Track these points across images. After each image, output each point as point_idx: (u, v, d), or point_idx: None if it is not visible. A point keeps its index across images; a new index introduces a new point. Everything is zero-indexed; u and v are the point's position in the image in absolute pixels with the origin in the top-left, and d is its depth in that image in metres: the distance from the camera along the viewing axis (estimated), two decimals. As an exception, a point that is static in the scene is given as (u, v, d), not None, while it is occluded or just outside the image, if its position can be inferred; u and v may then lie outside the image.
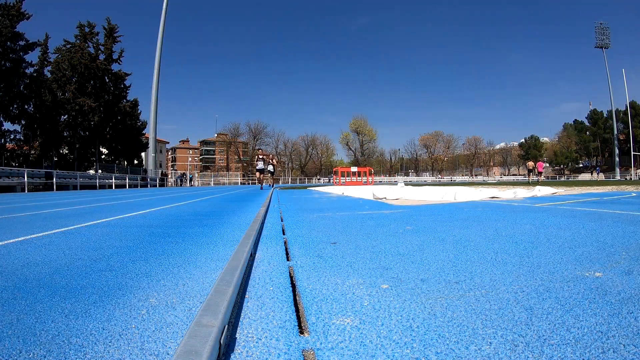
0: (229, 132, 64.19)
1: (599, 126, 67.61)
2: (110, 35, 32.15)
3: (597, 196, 5.42)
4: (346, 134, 70.66)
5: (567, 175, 65.91)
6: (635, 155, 53.41)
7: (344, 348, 0.68)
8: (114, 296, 0.99)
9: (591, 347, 0.65)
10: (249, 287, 1.07)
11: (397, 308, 0.87)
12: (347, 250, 1.59)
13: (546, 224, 2.31)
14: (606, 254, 1.39)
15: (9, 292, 1.04)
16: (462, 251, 1.51)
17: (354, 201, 5.34)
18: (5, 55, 24.55)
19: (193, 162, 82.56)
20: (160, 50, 29.93)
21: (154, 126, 29.41)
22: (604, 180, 34.25)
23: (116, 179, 22.85)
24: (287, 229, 2.36)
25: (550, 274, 1.13)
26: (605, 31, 59.32)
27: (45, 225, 2.69)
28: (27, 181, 15.29)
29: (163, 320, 0.82)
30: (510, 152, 77.42)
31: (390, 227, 2.33)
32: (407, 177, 62.71)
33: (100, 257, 1.51)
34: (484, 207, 3.75)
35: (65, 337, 0.73)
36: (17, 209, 4.48)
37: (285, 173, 61.95)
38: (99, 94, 30.25)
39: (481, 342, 0.68)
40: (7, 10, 24.44)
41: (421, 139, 75.37)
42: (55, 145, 28.88)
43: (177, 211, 3.92)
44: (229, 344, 0.69)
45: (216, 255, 1.54)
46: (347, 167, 42.39)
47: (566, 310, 0.83)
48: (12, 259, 1.48)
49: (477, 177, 68.91)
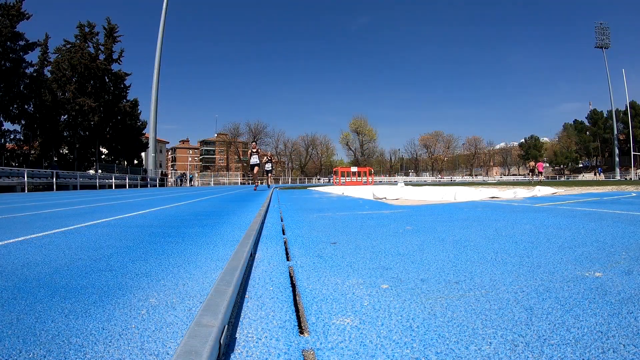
0: (229, 132, 64.22)
1: (599, 126, 67.59)
2: (110, 35, 32.14)
3: (597, 196, 5.43)
4: (346, 134, 70.72)
5: (567, 176, 65.92)
6: (635, 155, 53.41)
7: (344, 348, 0.68)
8: (114, 296, 0.99)
9: (591, 347, 0.65)
10: (249, 287, 1.07)
11: (397, 308, 0.87)
12: (347, 250, 1.59)
13: (546, 224, 2.31)
14: (606, 254, 1.39)
15: (9, 292, 1.04)
16: (462, 251, 1.51)
17: (354, 201, 5.34)
18: (5, 55, 24.54)
19: (193, 162, 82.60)
20: (160, 50, 29.95)
21: (154, 126, 29.41)
22: (604, 180, 34.24)
23: (116, 179, 22.86)
24: (287, 228, 2.36)
25: (550, 274, 1.13)
26: (605, 31, 59.31)
27: (45, 225, 2.69)
28: (27, 181, 15.30)
29: (163, 320, 0.82)
30: (510, 152, 77.41)
31: (390, 227, 2.33)
32: (407, 177, 62.72)
33: (100, 257, 1.51)
34: (483, 207, 3.75)
35: (65, 337, 0.73)
36: (17, 209, 4.48)
37: (285, 173, 61.95)
38: (99, 94, 30.24)
39: (481, 342, 0.68)
40: (7, 10, 24.43)
41: (421, 139, 75.44)
42: (55, 145, 28.88)
43: (177, 211, 3.92)
44: (229, 344, 0.69)
45: (216, 255, 1.54)
46: (347, 167, 42.39)
47: (566, 310, 0.83)
48: (12, 259, 1.48)
49: (477, 177, 68.92)
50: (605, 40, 59.23)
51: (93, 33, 31.18)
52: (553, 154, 70.41)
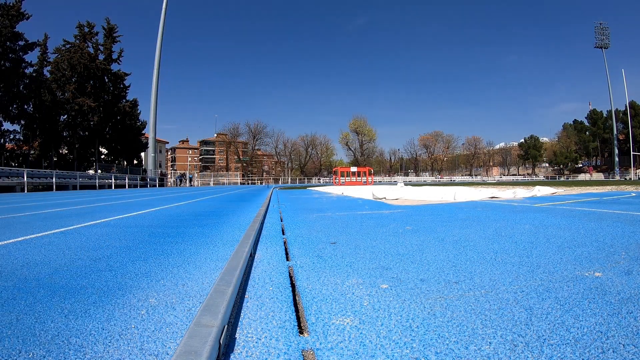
0: (229, 132, 64.14)
1: (599, 126, 67.67)
2: (110, 35, 32.12)
3: (597, 196, 5.43)
4: (346, 134, 70.68)
5: (567, 176, 65.96)
6: (635, 155, 53.49)
7: (344, 348, 0.68)
8: (114, 296, 0.99)
9: (591, 347, 0.65)
10: (249, 287, 1.06)
11: (397, 308, 0.87)
12: (346, 250, 1.59)
13: (546, 224, 2.31)
14: (606, 254, 1.39)
15: (9, 292, 1.03)
16: (461, 251, 1.51)
17: (354, 201, 5.34)
18: (5, 55, 24.52)
19: (193, 162, 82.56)
20: (160, 50, 29.99)
21: (153, 126, 29.41)
22: (604, 180, 34.28)
23: (116, 179, 22.84)
24: (286, 229, 2.36)
25: (550, 274, 1.14)
26: (604, 31, 59.40)
27: (45, 225, 2.69)
28: (26, 181, 15.28)
29: (163, 320, 0.82)
30: (510, 152, 77.44)
31: (390, 227, 2.33)
32: (406, 177, 62.72)
33: (100, 257, 1.51)
34: (483, 207, 3.75)
35: (65, 337, 0.73)
36: (17, 209, 4.48)
37: (285, 173, 61.93)
38: (99, 94, 30.22)
39: (481, 342, 0.68)
40: (7, 10, 24.41)
41: (421, 139, 75.42)
42: (54, 145, 28.85)
43: (176, 211, 3.92)
44: (229, 344, 0.69)
45: (216, 255, 1.53)
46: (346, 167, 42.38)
47: (566, 310, 0.83)
48: (12, 259, 1.48)
49: (477, 177, 68.95)
50: (605, 40, 59.32)
51: (92, 33, 31.17)
52: (553, 154, 70.45)
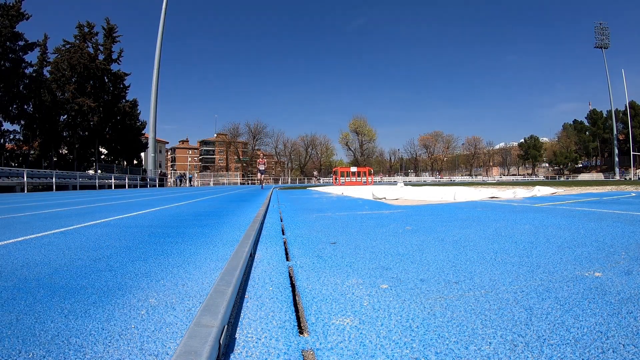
0: (229, 132, 64.13)
1: (599, 126, 67.69)
2: (110, 35, 32.11)
3: (597, 196, 5.43)
4: (346, 134, 70.66)
5: (567, 176, 65.97)
6: (635, 155, 53.50)
7: (344, 348, 0.68)
8: (114, 296, 0.99)
9: (591, 347, 0.65)
10: (249, 287, 1.06)
11: (397, 308, 0.87)
12: (346, 250, 1.59)
13: (546, 224, 2.31)
14: (605, 254, 1.39)
15: (9, 292, 1.03)
16: (461, 251, 1.51)
17: (354, 201, 5.34)
18: (5, 55, 24.50)
19: (193, 162, 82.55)
20: (160, 50, 29.95)
21: (153, 126, 29.40)
22: (604, 180, 34.26)
23: (115, 179, 22.84)
24: (286, 229, 2.36)
25: (550, 274, 1.14)
26: (604, 31, 59.45)
27: (45, 225, 2.69)
28: (26, 181, 15.28)
29: (162, 320, 0.82)
30: (510, 152, 77.45)
31: (390, 227, 2.33)
32: (406, 177, 62.71)
33: (100, 257, 1.51)
34: (483, 207, 3.75)
35: (65, 337, 0.73)
36: (17, 209, 4.47)
37: (285, 173, 61.92)
38: (98, 94, 30.21)
39: (481, 342, 0.68)
40: (7, 10, 24.39)
41: (421, 139, 75.44)
42: (54, 146, 28.83)
43: (176, 211, 3.92)
44: (229, 344, 0.69)
45: (216, 255, 1.53)
46: (346, 167, 42.37)
47: (566, 310, 0.83)
48: (12, 259, 1.48)
49: (477, 177, 68.94)
50: (605, 41, 59.36)
51: (92, 33, 31.15)
52: (553, 154, 70.46)
